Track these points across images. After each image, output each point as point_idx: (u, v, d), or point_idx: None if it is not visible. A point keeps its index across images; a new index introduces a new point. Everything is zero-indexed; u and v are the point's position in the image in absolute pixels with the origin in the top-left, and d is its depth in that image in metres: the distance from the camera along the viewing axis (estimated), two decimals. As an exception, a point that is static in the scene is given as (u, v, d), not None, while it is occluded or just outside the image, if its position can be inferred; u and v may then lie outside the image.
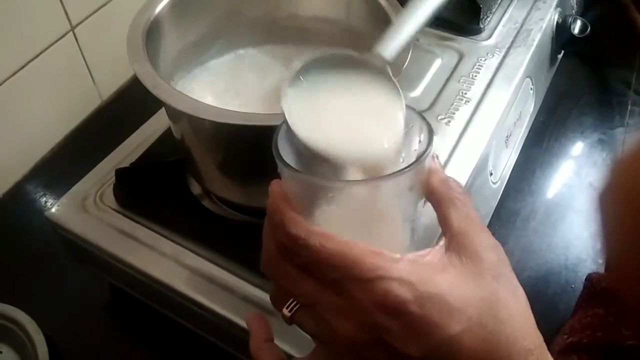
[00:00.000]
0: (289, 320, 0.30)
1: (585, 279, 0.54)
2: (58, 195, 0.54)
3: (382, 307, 0.26)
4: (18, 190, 0.69)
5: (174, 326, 0.52)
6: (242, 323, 0.39)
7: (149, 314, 0.54)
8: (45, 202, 0.68)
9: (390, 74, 0.32)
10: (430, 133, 0.30)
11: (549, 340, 0.48)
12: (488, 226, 0.61)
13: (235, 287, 0.46)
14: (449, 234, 0.29)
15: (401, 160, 0.32)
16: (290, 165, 0.28)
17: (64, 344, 0.54)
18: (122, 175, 0.53)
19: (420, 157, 0.29)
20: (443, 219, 0.30)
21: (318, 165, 0.31)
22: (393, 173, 0.27)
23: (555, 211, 0.66)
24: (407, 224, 0.31)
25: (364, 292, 0.26)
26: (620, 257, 0.30)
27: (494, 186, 0.60)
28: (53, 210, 0.52)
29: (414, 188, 0.30)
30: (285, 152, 0.30)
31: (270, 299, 0.32)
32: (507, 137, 0.61)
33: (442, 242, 0.29)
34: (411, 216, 0.31)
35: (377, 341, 0.26)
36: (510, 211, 0.65)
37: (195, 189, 0.54)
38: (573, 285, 0.60)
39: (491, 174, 0.58)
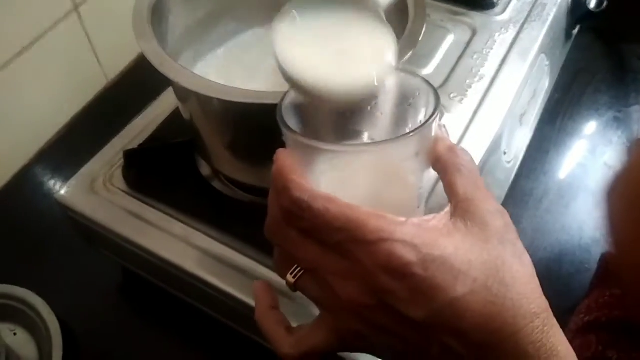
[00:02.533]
0: (293, 287, 0.30)
1: (600, 259, 0.53)
2: (66, 178, 0.53)
3: (386, 269, 0.26)
4: (26, 174, 0.69)
5: (186, 307, 0.52)
6: (253, 303, 0.39)
7: (161, 296, 0.54)
8: (54, 184, 0.68)
9: (383, 16, 0.32)
10: (437, 98, 0.29)
11: (563, 320, 0.48)
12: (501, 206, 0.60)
13: (245, 268, 0.46)
14: (455, 201, 0.29)
15: (407, 130, 0.32)
16: (294, 130, 0.28)
17: (76, 326, 0.55)
18: (131, 157, 0.52)
19: (427, 121, 0.28)
20: (449, 186, 0.29)
21: (324, 133, 0.32)
22: (398, 137, 0.27)
23: (568, 191, 0.65)
24: (413, 191, 0.31)
25: (367, 254, 0.26)
26: (626, 249, 0.30)
27: (507, 166, 0.59)
28: (62, 192, 0.52)
29: (419, 154, 0.29)
30: (291, 119, 0.30)
31: (274, 265, 0.32)
32: (521, 115, 0.60)
33: (447, 209, 0.29)
34: (417, 183, 0.31)
35: (380, 304, 0.26)
36: (524, 191, 0.64)
37: (205, 170, 0.53)
38: (587, 266, 0.59)
39: (505, 154, 0.57)
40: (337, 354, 0.36)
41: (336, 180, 0.29)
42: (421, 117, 0.31)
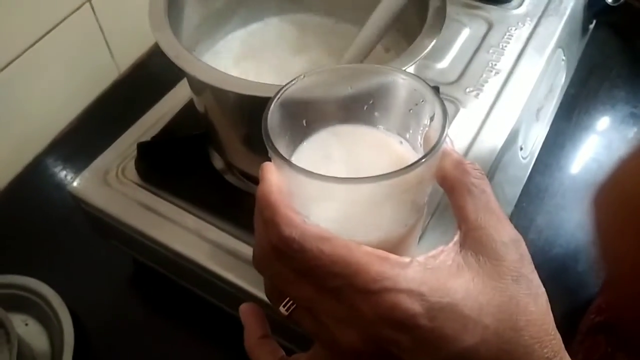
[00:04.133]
0: (287, 318, 0.27)
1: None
2: (78, 168, 0.53)
3: (390, 322, 0.23)
4: (38, 164, 0.69)
5: (197, 300, 0.52)
6: (265, 297, 0.38)
7: (172, 288, 0.54)
8: (65, 175, 0.68)
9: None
10: (445, 117, 0.26)
11: (577, 318, 0.47)
12: (516, 203, 0.59)
13: (258, 262, 0.46)
14: (465, 228, 0.26)
15: (407, 136, 0.29)
16: (281, 155, 0.25)
17: (87, 317, 0.55)
18: (144, 149, 0.52)
19: (433, 149, 0.25)
20: (458, 209, 0.26)
21: (314, 139, 0.29)
22: (399, 170, 0.24)
23: (584, 187, 0.64)
24: (415, 212, 0.28)
25: (369, 304, 0.23)
26: (614, 255, 0.29)
27: (523, 161, 0.58)
28: (75, 184, 0.52)
29: (423, 181, 0.27)
30: (278, 125, 0.27)
31: (265, 294, 0.28)
32: (538, 110, 0.59)
33: (456, 238, 0.26)
34: (420, 204, 0.29)
35: (383, 353, 0.24)
36: (539, 187, 0.64)
37: (218, 163, 0.53)
38: (595, 263, 0.58)
39: (521, 149, 0.56)
40: None
41: (329, 208, 0.26)
42: (423, 125, 0.28)
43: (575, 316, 0.52)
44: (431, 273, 0.24)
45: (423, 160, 0.24)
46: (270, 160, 0.26)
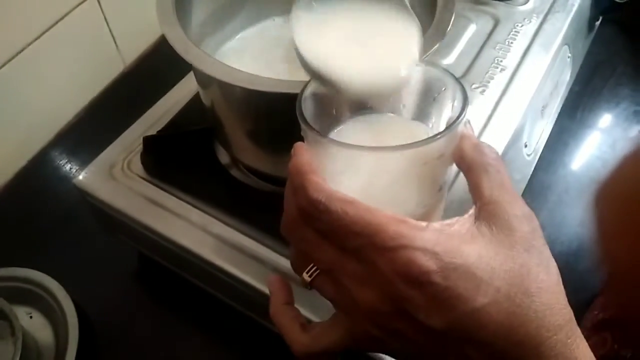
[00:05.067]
0: (309, 285, 0.29)
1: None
2: (83, 162, 0.53)
3: (405, 277, 0.25)
4: (43, 157, 0.69)
5: (202, 294, 0.52)
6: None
7: (177, 282, 0.54)
8: (70, 169, 0.68)
9: (408, 5, 0.31)
10: (465, 98, 0.28)
11: (579, 316, 0.47)
12: (519, 199, 0.60)
13: (263, 257, 0.46)
14: (480, 203, 0.27)
15: (430, 126, 0.31)
16: (314, 128, 0.27)
17: (92, 310, 0.55)
18: (150, 143, 0.52)
19: (453, 123, 0.27)
20: (474, 187, 0.28)
21: (343, 123, 0.31)
22: (422, 140, 0.26)
23: (588, 185, 0.65)
24: (435, 191, 0.30)
25: (386, 261, 0.25)
26: (616, 254, 0.30)
27: (527, 158, 0.58)
28: (81, 177, 0.52)
29: (443, 155, 0.28)
30: (310, 110, 0.29)
31: (291, 263, 0.31)
32: (543, 107, 0.59)
33: (471, 211, 0.27)
34: (438, 183, 0.30)
35: (398, 311, 0.26)
36: (542, 184, 0.64)
37: (224, 157, 0.53)
38: (597, 259, 0.58)
39: (526, 146, 0.56)
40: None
41: (355, 180, 0.28)
42: (446, 113, 0.29)
43: (578, 312, 0.52)
44: (446, 237, 0.25)
45: (444, 132, 0.26)
46: (302, 141, 0.29)
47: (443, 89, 0.29)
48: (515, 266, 0.25)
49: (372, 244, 0.25)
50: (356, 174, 0.28)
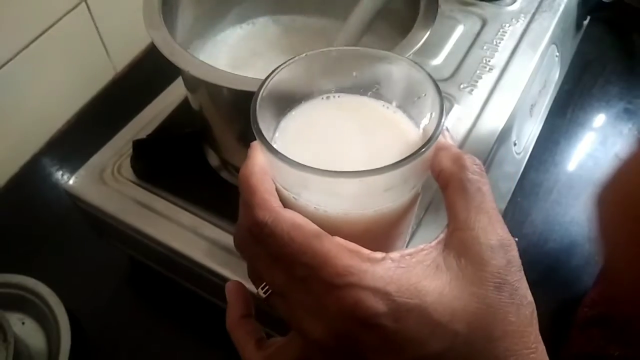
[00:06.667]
0: (265, 301, 0.27)
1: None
2: (74, 168, 0.53)
3: (352, 318, 0.22)
4: (35, 164, 0.69)
5: (194, 297, 0.52)
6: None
7: (169, 286, 0.54)
8: (62, 175, 0.68)
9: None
10: (440, 116, 0.24)
11: (570, 312, 0.47)
12: (511, 198, 0.60)
13: (254, 259, 0.46)
14: (452, 226, 0.24)
15: (385, 106, 0.28)
16: (267, 141, 0.24)
17: (84, 316, 0.55)
18: (140, 147, 0.52)
19: (425, 145, 0.23)
20: (449, 206, 0.25)
21: (310, 106, 0.28)
22: (381, 168, 0.22)
23: (579, 182, 0.65)
24: (395, 216, 0.27)
25: (332, 298, 0.23)
26: (618, 255, 0.29)
27: (517, 157, 0.58)
28: (71, 182, 0.52)
29: (408, 180, 0.25)
30: (268, 114, 0.26)
31: (247, 273, 0.28)
32: (531, 106, 0.59)
33: (441, 236, 0.25)
34: (402, 208, 0.27)
35: (347, 348, 0.24)
36: (534, 182, 0.64)
37: (214, 160, 0.53)
38: (596, 258, 0.58)
39: (515, 145, 0.56)
40: None
41: (310, 197, 0.25)
42: (424, 121, 0.27)
43: (568, 310, 0.52)
44: (403, 272, 0.23)
45: (408, 159, 0.23)
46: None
47: (424, 94, 0.26)
48: (481, 307, 0.23)
49: (319, 277, 0.23)
50: (309, 189, 0.25)
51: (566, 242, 0.59)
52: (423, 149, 0.23)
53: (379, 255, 0.23)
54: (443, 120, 0.24)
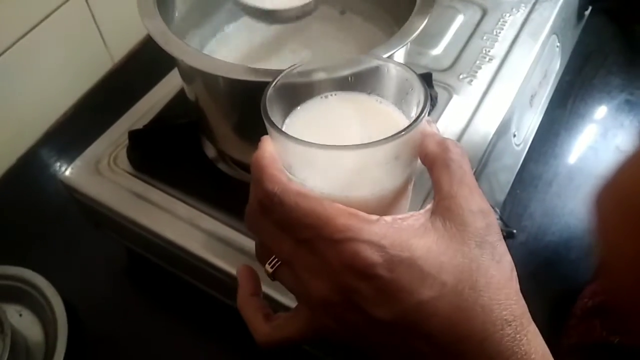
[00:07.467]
0: (272, 276, 0.30)
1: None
2: (71, 159, 0.53)
3: (351, 269, 0.25)
4: (32, 155, 0.69)
5: (191, 289, 0.52)
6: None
7: (166, 278, 0.54)
8: (59, 166, 0.68)
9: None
10: (426, 100, 0.28)
11: (569, 304, 0.47)
12: (510, 190, 0.59)
13: (249, 250, 0.46)
14: (437, 197, 0.28)
15: (380, 101, 0.32)
16: (274, 123, 0.28)
17: (81, 307, 0.55)
18: (136, 138, 0.52)
19: (406, 128, 0.27)
20: (435, 182, 0.28)
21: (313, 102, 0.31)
22: (373, 142, 0.26)
23: (579, 175, 0.64)
24: (390, 189, 0.30)
25: (333, 252, 0.25)
26: (616, 255, 0.29)
27: (517, 148, 0.58)
28: (67, 173, 0.52)
29: (399, 158, 0.28)
30: (275, 111, 0.29)
31: (255, 254, 0.31)
32: (531, 97, 0.59)
33: (429, 206, 0.28)
34: (395, 182, 0.30)
35: (348, 302, 0.26)
36: (533, 174, 0.63)
37: (210, 151, 0.53)
38: (593, 255, 0.58)
39: (514, 136, 0.56)
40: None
41: (314, 172, 0.28)
42: (414, 112, 0.30)
43: (567, 301, 0.52)
44: (395, 230, 0.26)
45: (394, 136, 0.26)
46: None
47: (411, 89, 0.29)
48: (465, 261, 0.26)
49: (320, 236, 0.26)
50: (314, 167, 0.28)
51: (566, 234, 0.59)
52: (411, 126, 0.27)
53: (374, 217, 0.26)
54: (427, 104, 0.28)
